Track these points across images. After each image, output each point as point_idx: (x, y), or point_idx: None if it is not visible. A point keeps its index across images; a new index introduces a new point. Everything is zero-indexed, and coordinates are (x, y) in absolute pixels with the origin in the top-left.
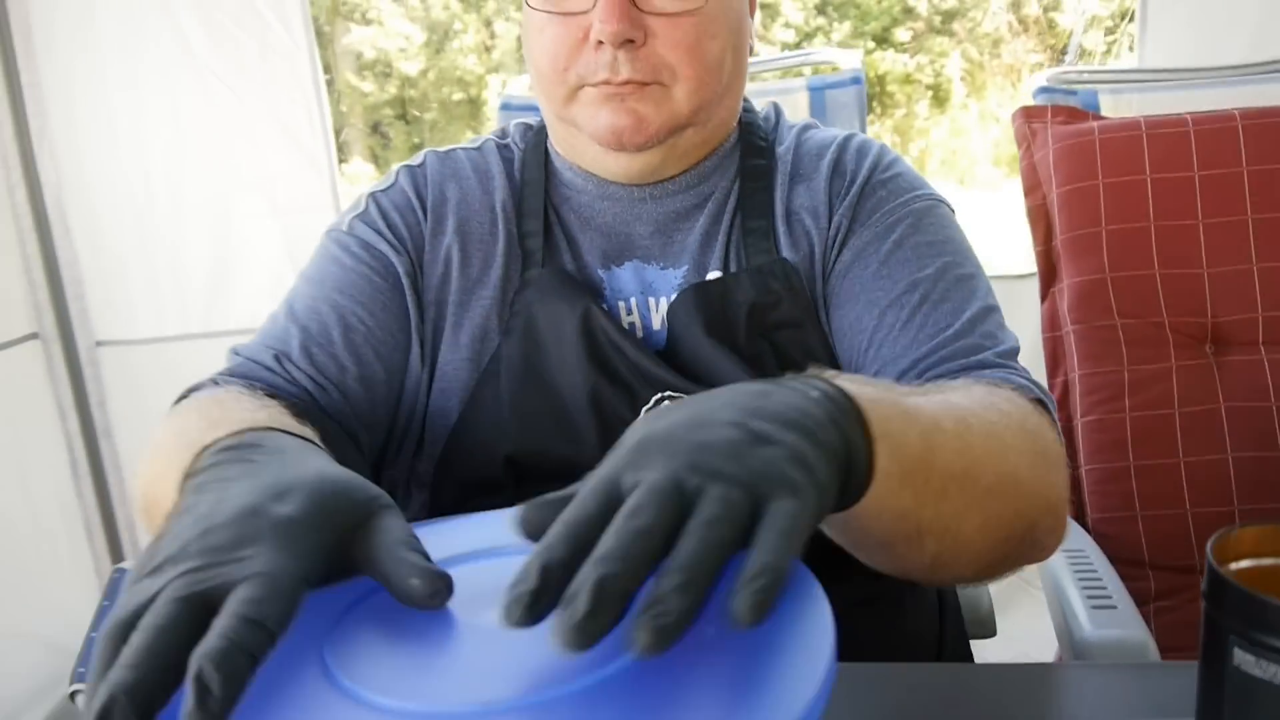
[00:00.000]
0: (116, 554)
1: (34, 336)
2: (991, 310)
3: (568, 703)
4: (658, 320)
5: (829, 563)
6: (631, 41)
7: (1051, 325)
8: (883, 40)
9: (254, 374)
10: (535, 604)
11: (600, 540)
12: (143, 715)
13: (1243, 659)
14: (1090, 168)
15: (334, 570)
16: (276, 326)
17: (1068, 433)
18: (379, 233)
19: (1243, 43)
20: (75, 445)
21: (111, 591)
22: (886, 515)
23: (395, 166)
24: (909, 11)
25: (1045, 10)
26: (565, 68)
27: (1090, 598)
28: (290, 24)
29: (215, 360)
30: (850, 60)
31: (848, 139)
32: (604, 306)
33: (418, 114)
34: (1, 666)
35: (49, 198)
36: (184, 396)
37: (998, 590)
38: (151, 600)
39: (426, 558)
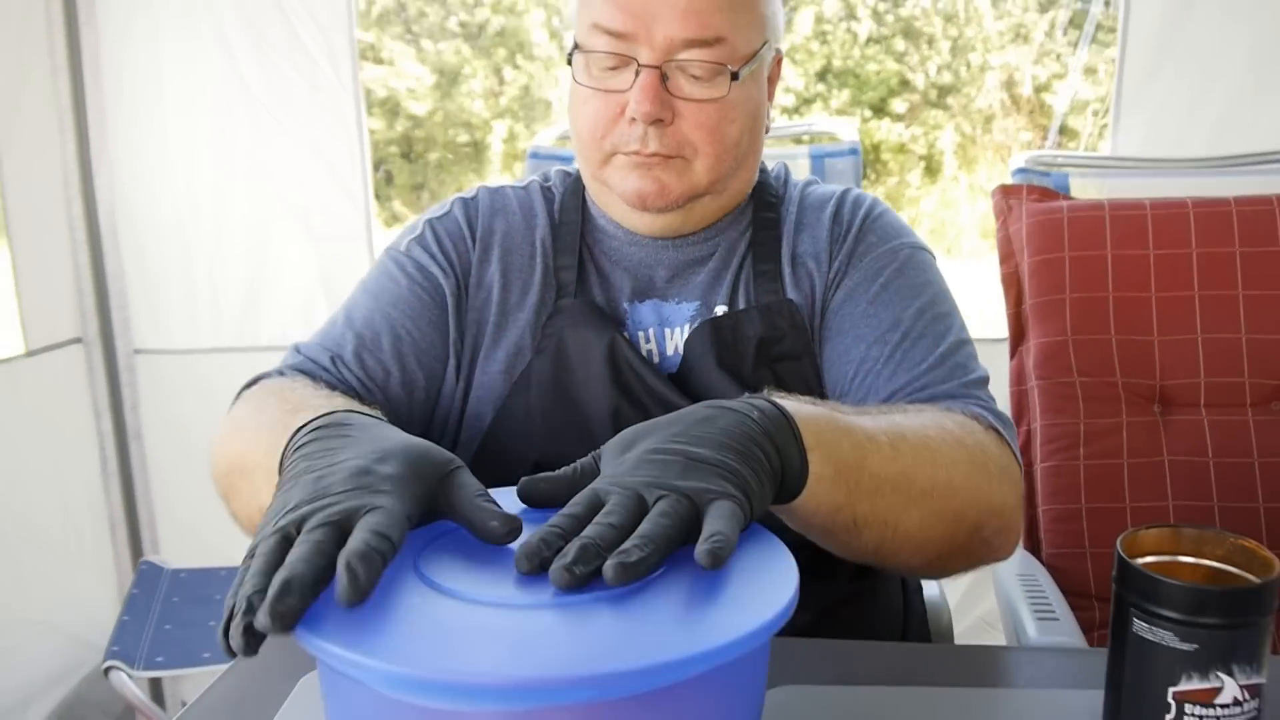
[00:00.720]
0: (137, 551)
1: (77, 341)
2: (964, 344)
3: (604, 600)
4: (671, 347)
5: (816, 568)
6: (661, 121)
7: (1018, 380)
8: (879, 110)
9: (311, 371)
10: (534, 557)
11: (585, 530)
12: (307, 596)
13: (1139, 626)
14: (1058, 242)
15: (424, 516)
16: (335, 330)
17: (1029, 477)
18: (431, 256)
19: (1203, 139)
20: (107, 445)
21: (140, 581)
22: (824, 508)
23: (450, 198)
24: (906, 84)
25: (1037, 91)
26: (602, 136)
27: (1037, 612)
28: (339, 67)
29: (243, 374)
30: (849, 132)
31: (845, 192)
32: (626, 336)
33: (423, 153)
34: (21, 652)
35: (103, 213)
36: (251, 384)
37: (961, 629)
38: (300, 523)
39: (499, 506)
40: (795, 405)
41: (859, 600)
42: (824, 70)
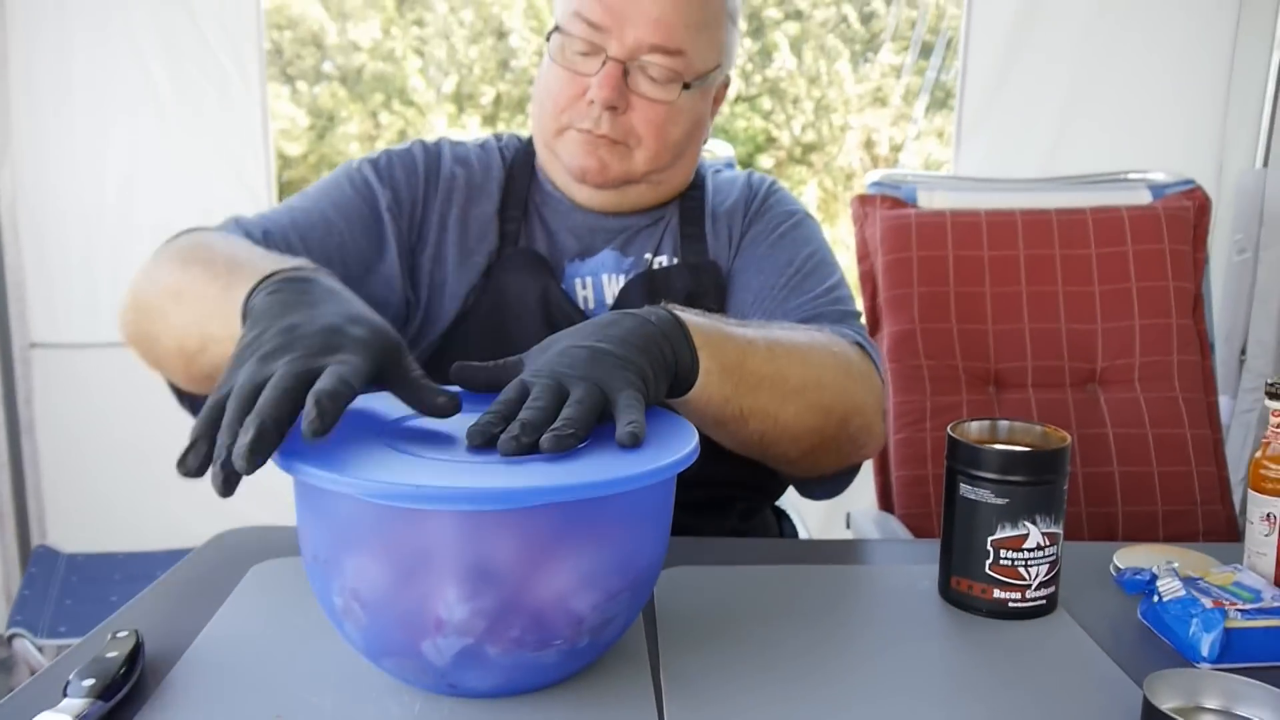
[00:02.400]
0: (24, 540)
1: None
2: (843, 284)
3: (542, 460)
4: (610, 296)
5: (710, 503)
6: (615, 108)
7: None
8: (748, 165)
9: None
10: (484, 432)
11: (520, 412)
12: (279, 436)
13: (964, 489)
14: (907, 243)
15: (372, 382)
16: (275, 214)
17: (884, 448)
18: (379, 176)
19: (1029, 165)
20: None
21: (37, 562)
22: (714, 400)
23: (412, 140)
24: (772, 140)
25: (893, 151)
26: (562, 110)
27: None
28: (248, 78)
29: (142, 367)
30: (724, 149)
31: (751, 171)
32: (563, 287)
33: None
34: None
35: (3, 206)
36: (182, 235)
37: None
38: (269, 375)
39: (440, 386)
40: (686, 314)
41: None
42: None
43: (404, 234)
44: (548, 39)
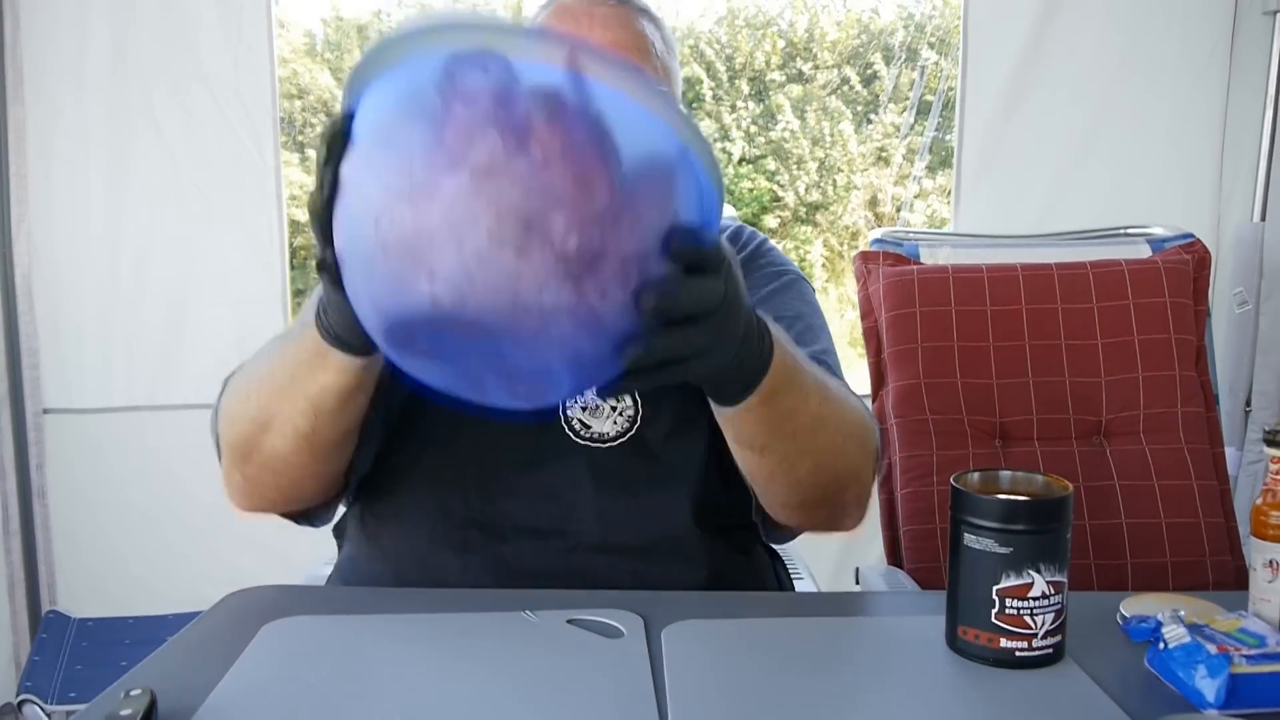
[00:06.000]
0: (35, 606)
1: None
2: (833, 349)
3: None
4: None
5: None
6: None
7: (879, 419)
8: (753, 225)
9: None
10: None
11: None
12: None
13: (968, 539)
14: (910, 299)
15: None
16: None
17: (890, 503)
18: None
19: (1030, 220)
20: (10, 503)
21: (48, 627)
22: (750, 424)
23: None
24: (778, 200)
25: (897, 209)
26: None
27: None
28: (263, 148)
29: (154, 431)
30: (728, 211)
31: (740, 225)
32: None
33: (304, 260)
34: None
35: (19, 276)
36: (226, 385)
37: None
38: None
39: None
40: (779, 335)
41: (741, 572)
42: None
43: None
44: None
